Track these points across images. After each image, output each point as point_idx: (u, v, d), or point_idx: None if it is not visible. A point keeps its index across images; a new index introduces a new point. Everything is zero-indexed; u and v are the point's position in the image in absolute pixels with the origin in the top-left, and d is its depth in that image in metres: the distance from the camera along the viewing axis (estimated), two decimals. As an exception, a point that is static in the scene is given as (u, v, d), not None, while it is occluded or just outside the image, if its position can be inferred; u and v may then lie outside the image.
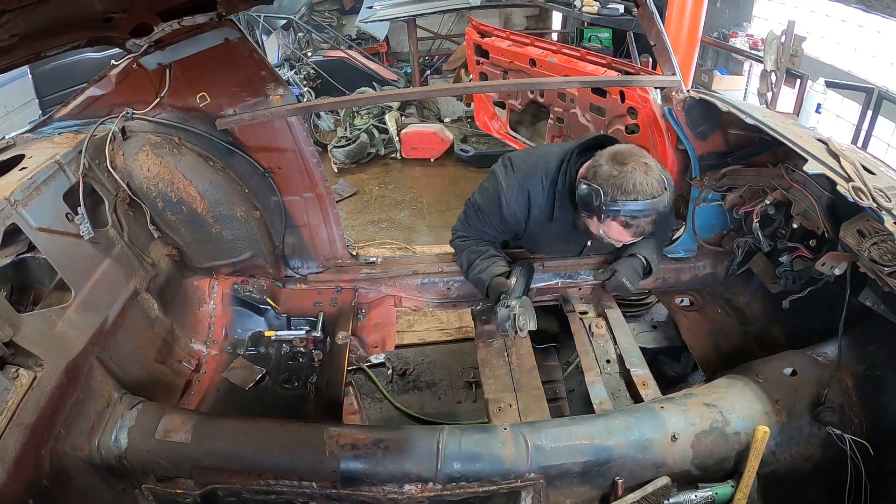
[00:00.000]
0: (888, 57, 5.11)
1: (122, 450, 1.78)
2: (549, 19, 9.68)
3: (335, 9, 9.52)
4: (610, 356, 2.36)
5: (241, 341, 2.66)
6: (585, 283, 2.72)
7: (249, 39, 2.22)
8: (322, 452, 1.76)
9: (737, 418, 1.82)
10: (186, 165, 2.34)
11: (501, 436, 1.78)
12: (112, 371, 1.96)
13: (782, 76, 4.87)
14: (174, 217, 2.38)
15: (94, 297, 2.00)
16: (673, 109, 2.47)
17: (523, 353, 2.40)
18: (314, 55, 7.63)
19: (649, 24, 2.45)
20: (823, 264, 1.93)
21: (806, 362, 1.96)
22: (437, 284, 2.77)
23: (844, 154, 1.86)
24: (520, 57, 3.76)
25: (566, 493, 1.77)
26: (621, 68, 2.96)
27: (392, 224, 5.21)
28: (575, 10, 6.34)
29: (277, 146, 2.47)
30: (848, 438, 1.71)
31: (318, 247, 2.75)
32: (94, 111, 2.25)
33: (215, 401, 2.38)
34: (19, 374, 1.61)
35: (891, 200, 1.69)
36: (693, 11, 4.68)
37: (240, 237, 2.53)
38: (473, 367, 2.98)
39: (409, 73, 7.87)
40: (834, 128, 5.56)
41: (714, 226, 2.66)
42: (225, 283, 2.67)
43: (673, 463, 1.77)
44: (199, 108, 2.33)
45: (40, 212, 1.87)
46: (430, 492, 1.73)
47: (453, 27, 9.23)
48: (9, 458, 1.49)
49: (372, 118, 6.49)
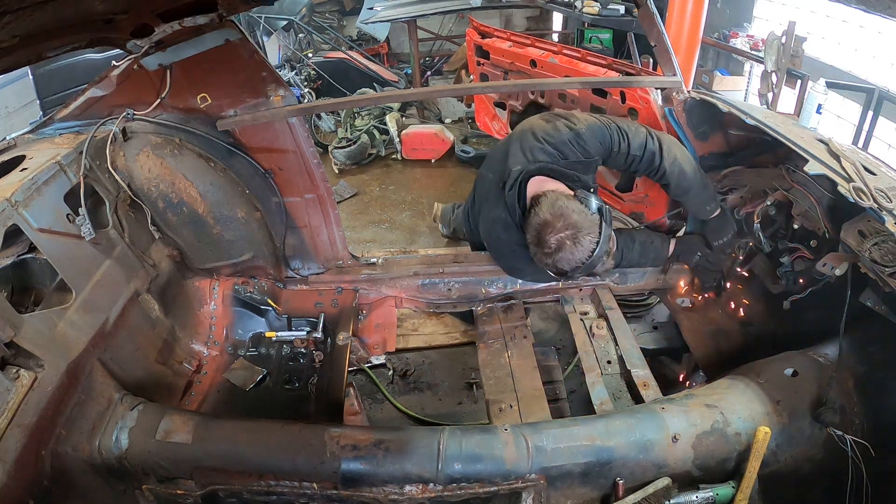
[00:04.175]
0: (889, 57, 5.10)
1: (122, 450, 1.78)
2: (549, 20, 9.67)
3: (336, 10, 9.51)
4: (611, 357, 2.36)
5: (242, 342, 2.67)
6: (586, 283, 2.72)
7: (250, 40, 2.23)
8: (323, 453, 1.76)
9: (738, 419, 1.82)
10: (187, 166, 2.34)
11: (502, 437, 1.78)
12: (113, 372, 1.96)
13: (783, 77, 4.87)
14: (175, 218, 2.38)
15: (95, 298, 2.00)
16: (674, 110, 2.47)
17: (524, 354, 2.40)
18: (315, 56, 7.62)
19: (650, 25, 2.45)
20: (824, 265, 1.93)
21: (807, 363, 1.96)
22: (437, 285, 2.77)
23: (845, 154, 1.86)
24: (520, 58, 3.76)
25: (567, 493, 1.76)
26: (622, 69, 2.96)
27: (393, 225, 5.20)
28: (575, 10, 6.33)
29: (278, 147, 2.47)
30: (849, 439, 1.70)
31: (319, 248, 2.75)
32: (95, 112, 2.25)
33: (216, 402, 2.38)
34: (20, 374, 1.61)
35: (892, 201, 1.69)
36: (694, 12, 4.68)
37: (241, 238, 2.53)
38: (474, 368, 2.98)
39: (409, 74, 7.86)
40: (835, 128, 5.55)
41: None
42: (226, 283, 2.67)
43: (674, 464, 1.77)
44: (199, 109, 2.33)
45: (41, 213, 1.87)
46: (431, 493, 1.73)
47: (454, 28, 9.22)
48: (9, 458, 1.49)
49: (373, 119, 6.48)
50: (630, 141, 2.22)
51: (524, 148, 2.19)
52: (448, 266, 2.75)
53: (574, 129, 2.20)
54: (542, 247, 1.98)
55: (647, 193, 2.86)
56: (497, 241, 2.29)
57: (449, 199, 5.49)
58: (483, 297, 2.75)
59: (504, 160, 2.23)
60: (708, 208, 2.42)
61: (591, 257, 1.96)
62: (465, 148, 6.15)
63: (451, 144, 6.28)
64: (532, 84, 3.34)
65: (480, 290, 2.75)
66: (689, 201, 2.43)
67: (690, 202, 2.43)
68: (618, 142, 2.22)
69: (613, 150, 2.23)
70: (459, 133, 6.49)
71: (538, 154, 2.16)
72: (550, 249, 1.96)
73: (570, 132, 2.19)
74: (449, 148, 6.28)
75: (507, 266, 2.48)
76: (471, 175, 5.88)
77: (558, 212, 1.95)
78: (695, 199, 2.39)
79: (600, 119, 2.26)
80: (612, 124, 2.24)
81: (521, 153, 2.18)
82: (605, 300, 2.64)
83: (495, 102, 4.48)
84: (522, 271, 2.43)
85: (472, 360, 2.67)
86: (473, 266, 2.75)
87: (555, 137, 2.18)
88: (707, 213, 2.43)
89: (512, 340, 2.49)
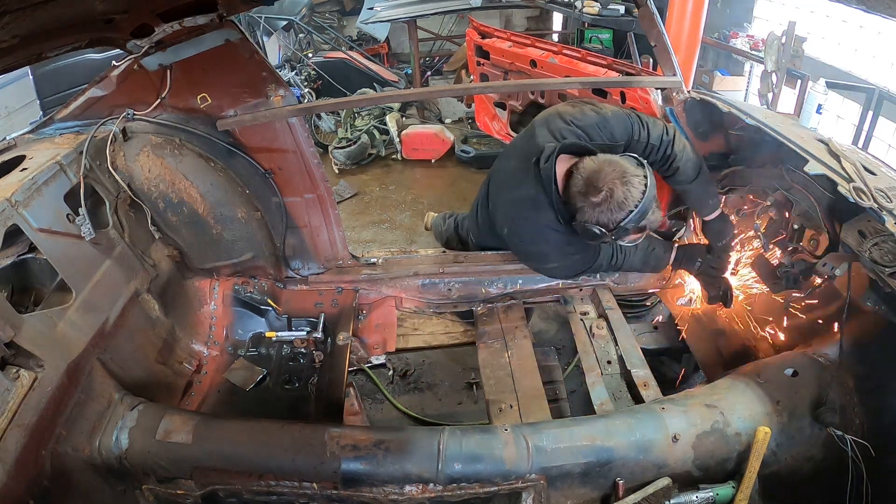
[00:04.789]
0: (889, 57, 5.10)
1: (122, 450, 1.78)
2: (549, 20, 9.67)
3: (336, 10, 9.51)
4: (611, 357, 2.36)
5: (242, 342, 2.67)
6: (586, 283, 2.72)
7: (250, 40, 2.23)
8: (323, 453, 1.76)
9: (738, 419, 1.82)
10: (187, 166, 2.34)
11: (502, 437, 1.78)
12: (113, 372, 1.96)
13: (783, 77, 4.87)
14: (175, 218, 2.38)
15: (95, 298, 2.00)
16: (674, 110, 2.47)
17: (524, 354, 2.40)
18: (315, 56, 7.61)
19: (650, 25, 2.45)
20: (824, 265, 1.93)
21: (807, 363, 1.96)
22: (437, 286, 2.77)
23: (845, 154, 1.86)
24: (520, 58, 3.76)
25: (567, 494, 1.76)
26: (622, 69, 2.96)
27: (393, 225, 5.21)
28: (575, 11, 6.33)
29: (278, 147, 2.47)
30: (849, 439, 1.70)
31: (319, 248, 2.75)
32: (95, 112, 2.25)
33: (216, 402, 2.38)
34: (20, 374, 1.61)
35: (892, 201, 1.69)
36: (694, 12, 4.67)
37: (241, 238, 2.53)
38: (474, 368, 2.98)
39: (409, 74, 7.86)
40: (835, 128, 5.55)
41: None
42: (226, 283, 2.67)
43: (674, 464, 1.77)
44: (200, 109, 2.33)
45: (41, 213, 1.87)
46: (431, 493, 1.73)
47: (454, 28, 9.22)
48: (9, 458, 1.49)
49: (373, 119, 6.49)
50: (650, 131, 2.26)
51: (552, 129, 2.23)
52: (448, 266, 2.75)
53: (600, 113, 2.26)
54: (592, 195, 2.00)
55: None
56: (525, 223, 2.29)
57: (449, 200, 5.52)
58: (483, 297, 2.75)
59: (530, 143, 2.25)
60: (711, 202, 2.41)
61: (643, 201, 1.98)
62: (465, 148, 6.15)
63: (451, 144, 6.28)
64: (532, 84, 3.34)
65: (480, 290, 2.75)
66: (694, 192, 2.41)
67: (694, 194, 2.42)
68: (638, 131, 2.26)
69: (634, 139, 2.26)
70: (459, 133, 6.49)
71: (567, 135, 2.21)
72: (600, 197, 1.99)
73: (596, 116, 2.24)
74: (449, 148, 6.28)
75: (532, 252, 2.43)
76: (471, 175, 5.88)
77: (605, 160, 2.02)
78: (698, 190, 2.39)
79: (622, 108, 2.32)
80: (632, 114, 2.30)
81: (550, 134, 2.22)
82: (605, 300, 2.64)
83: (495, 102, 4.48)
84: (548, 257, 2.38)
85: (472, 360, 2.67)
86: (473, 266, 2.75)
87: (582, 120, 2.24)
88: (710, 207, 2.41)
89: (512, 340, 2.48)
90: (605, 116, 2.25)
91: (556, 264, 2.43)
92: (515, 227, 2.36)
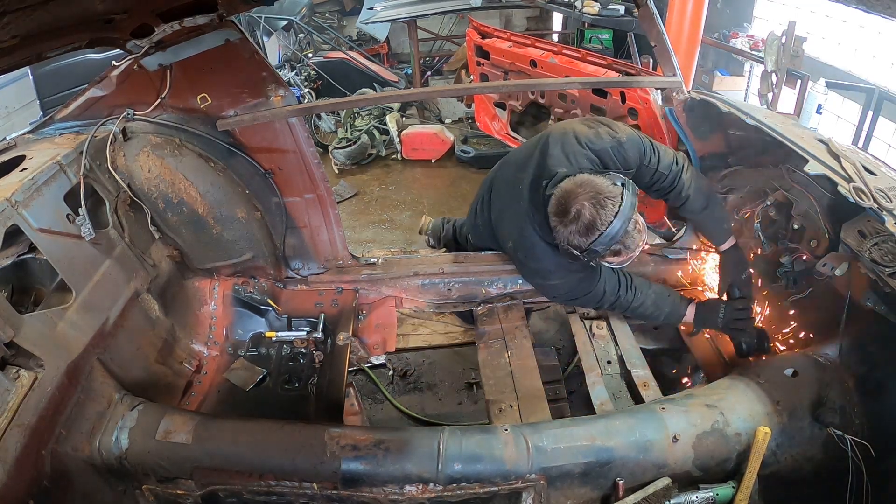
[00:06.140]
0: (889, 57, 5.10)
1: (122, 451, 1.78)
2: (549, 20, 9.67)
3: (336, 10, 9.51)
4: (611, 357, 2.36)
5: (242, 342, 2.66)
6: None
7: (250, 40, 2.22)
8: (323, 453, 1.76)
9: (738, 419, 1.82)
10: (187, 166, 2.34)
11: (502, 437, 1.78)
12: (113, 372, 1.96)
13: (783, 77, 4.87)
14: (175, 218, 2.38)
15: (95, 298, 2.00)
16: (674, 110, 2.47)
17: (524, 355, 2.39)
18: (315, 56, 7.61)
19: (650, 25, 2.45)
20: (824, 265, 1.93)
21: (807, 363, 1.96)
22: (437, 285, 2.77)
23: (845, 155, 1.86)
24: (520, 58, 3.76)
25: (567, 494, 1.76)
26: (622, 69, 2.96)
27: (393, 225, 5.20)
28: (575, 10, 6.33)
29: (278, 147, 2.47)
30: (849, 439, 1.70)
31: (319, 248, 2.75)
32: (95, 112, 2.26)
33: (216, 402, 2.38)
34: (20, 374, 1.61)
35: (892, 201, 1.69)
36: (694, 12, 4.69)
37: (241, 238, 2.53)
38: (474, 368, 2.98)
39: (409, 74, 7.87)
40: (835, 128, 5.55)
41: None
42: (226, 284, 2.67)
43: (674, 464, 1.77)
44: (200, 110, 2.33)
45: (41, 213, 1.87)
46: (431, 493, 1.73)
47: (454, 28, 9.22)
48: (9, 458, 1.49)
49: (373, 119, 6.49)
50: (661, 159, 2.23)
51: (567, 151, 2.17)
52: (448, 266, 2.75)
53: (616, 137, 2.19)
54: (563, 216, 1.95)
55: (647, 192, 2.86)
56: (527, 240, 2.26)
57: (449, 200, 5.52)
58: (483, 297, 2.75)
59: (542, 160, 2.21)
60: (724, 229, 2.38)
61: (613, 224, 1.89)
62: (465, 148, 6.15)
63: (451, 144, 6.28)
64: (532, 84, 3.35)
65: (480, 290, 2.75)
66: (704, 222, 2.40)
67: (705, 223, 2.40)
68: (649, 157, 2.22)
69: (643, 164, 2.22)
70: (459, 133, 6.49)
71: (581, 160, 2.15)
72: (569, 218, 1.93)
73: (612, 140, 2.19)
74: (449, 148, 6.28)
75: (535, 269, 2.38)
76: (471, 175, 5.89)
77: (580, 181, 1.97)
78: (710, 220, 2.37)
79: (636, 132, 2.27)
80: (646, 139, 2.26)
81: (564, 156, 2.16)
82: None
83: (495, 102, 4.48)
84: (552, 274, 2.33)
85: (472, 360, 2.67)
86: (473, 266, 2.75)
87: (597, 144, 2.18)
88: (724, 234, 2.38)
89: (512, 340, 2.48)
90: (621, 141, 2.19)
91: (558, 281, 2.36)
92: (520, 244, 2.34)
